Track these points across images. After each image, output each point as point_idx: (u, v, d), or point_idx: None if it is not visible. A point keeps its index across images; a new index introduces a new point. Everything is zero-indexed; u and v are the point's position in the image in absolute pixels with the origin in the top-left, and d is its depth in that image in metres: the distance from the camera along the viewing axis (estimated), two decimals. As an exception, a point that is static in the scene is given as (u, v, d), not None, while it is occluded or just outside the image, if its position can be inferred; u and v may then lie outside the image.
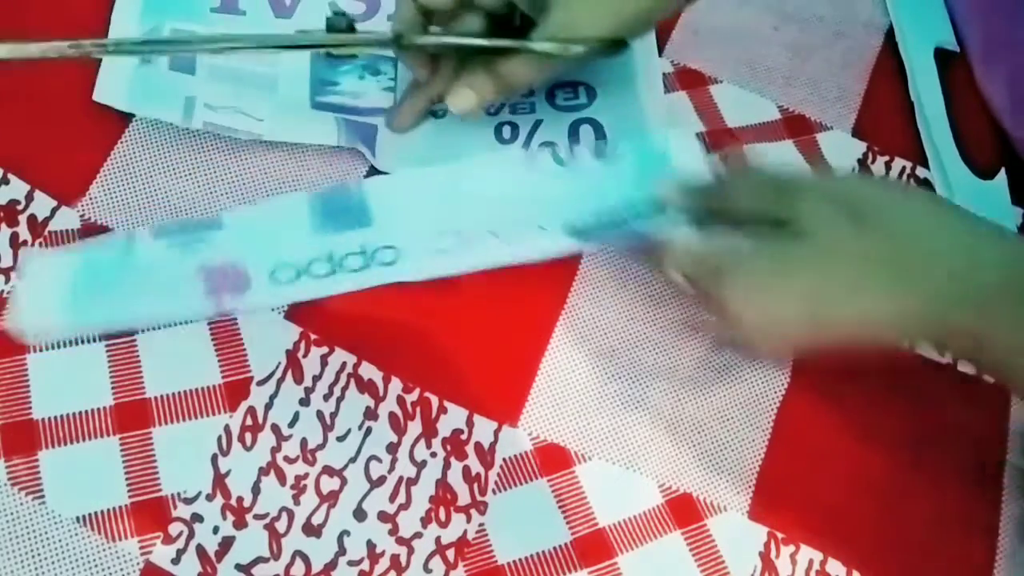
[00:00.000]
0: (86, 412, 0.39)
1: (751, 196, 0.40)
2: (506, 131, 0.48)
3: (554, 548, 0.41)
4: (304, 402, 0.41)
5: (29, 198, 0.43)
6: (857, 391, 0.46)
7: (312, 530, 0.39)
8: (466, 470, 0.41)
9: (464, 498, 0.41)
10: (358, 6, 0.50)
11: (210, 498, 0.39)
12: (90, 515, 0.38)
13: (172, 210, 0.43)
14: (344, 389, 0.42)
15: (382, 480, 0.41)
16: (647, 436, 0.44)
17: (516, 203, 0.43)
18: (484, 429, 0.42)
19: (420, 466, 0.41)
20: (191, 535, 0.38)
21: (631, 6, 0.42)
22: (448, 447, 0.42)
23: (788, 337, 0.39)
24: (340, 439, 0.41)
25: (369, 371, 0.42)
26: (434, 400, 0.42)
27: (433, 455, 0.41)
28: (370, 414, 0.41)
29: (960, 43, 0.56)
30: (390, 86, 0.48)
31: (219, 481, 0.39)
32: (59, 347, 0.40)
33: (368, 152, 0.45)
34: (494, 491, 0.41)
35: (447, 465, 0.41)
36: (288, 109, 0.46)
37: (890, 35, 0.56)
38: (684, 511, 0.42)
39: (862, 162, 0.52)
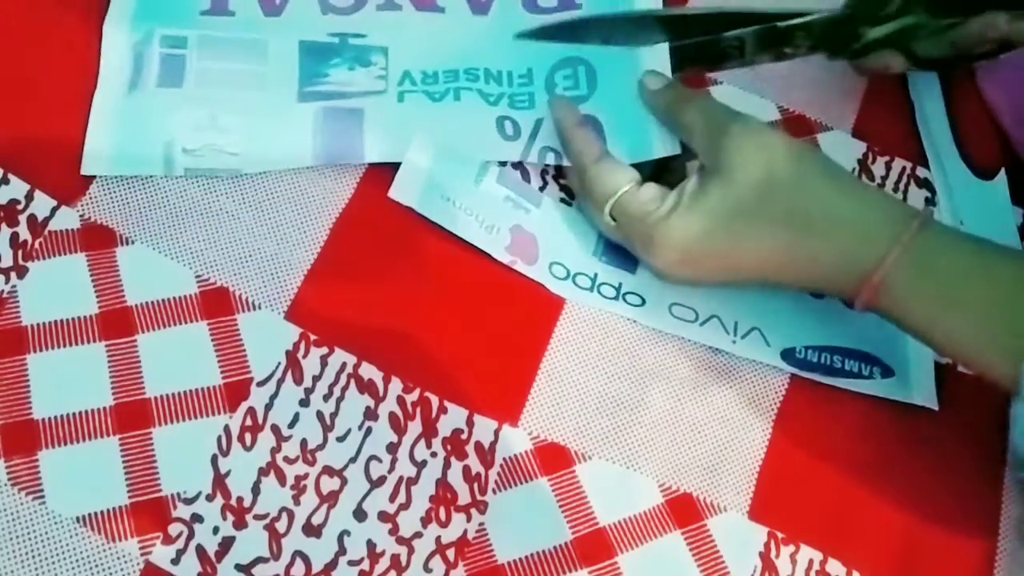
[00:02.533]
0: (86, 412, 0.39)
1: (695, 125, 0.44)
2: (508, 127, 0.47)
3: (554, 547, 0.41)
4: (304, 402, 0.41)
5: (29, 198, 0.43)
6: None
7: (312, 530, 0.39)
8: (466, 470, 0.41)
9: (464, 498, 0.41)
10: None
11: (210, 498, 0.39)
12: (90, 515, 0.38)
13: (172, 210, 0.43)
14: (344, 389, 0.42)
15: (382, 480, 0.41)
16: (647, 436, 0.44)
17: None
18: (484, 429, 0.42)
19: (420, 466, 0.41)
20: (191, 535, 0.38)
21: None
22: (448, 447, 0.42)
23: (702, 265, 0.42)
24: (340, 439, 0.41)
25: (369, 371, 0.42)
26: (434, 400, 0.42)
27: (433, 455, 0.41)
28: (370, 414, 0.41)
29: (960, 43, 0.56)
30: (381, 75, 0.48)
31: (219, 481, 0.39)
32: (59, 347, 0.40)
33: (352, 159, 0.46)
34: (494, 491, 0.41)
35: (447, 465, 0.41)
36: (267, 124, 0.46)
37: (890, 35, 0.56)
38: (684, 511, 0.42)
39: (862, 162, 0.52)
